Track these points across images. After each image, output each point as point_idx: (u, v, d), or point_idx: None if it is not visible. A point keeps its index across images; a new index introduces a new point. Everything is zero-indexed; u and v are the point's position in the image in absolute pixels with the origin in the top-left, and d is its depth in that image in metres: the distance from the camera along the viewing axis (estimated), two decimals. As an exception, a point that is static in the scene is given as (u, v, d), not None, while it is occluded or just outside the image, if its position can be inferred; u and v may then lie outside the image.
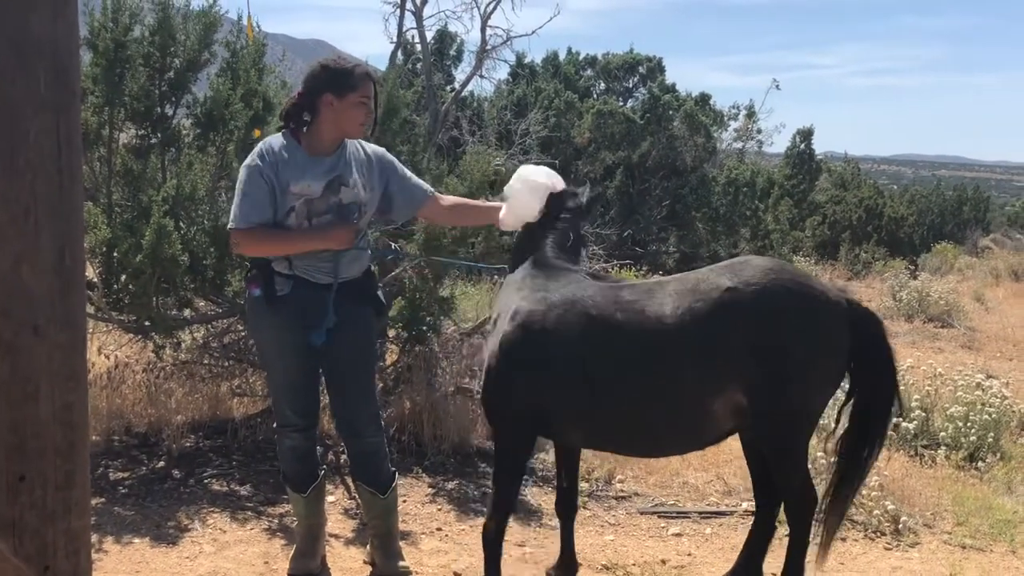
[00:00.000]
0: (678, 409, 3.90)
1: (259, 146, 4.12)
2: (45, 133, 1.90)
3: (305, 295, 4.15)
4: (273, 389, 4.42)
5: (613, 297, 3.98)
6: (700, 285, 3.90)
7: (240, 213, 4.04)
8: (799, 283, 3.89)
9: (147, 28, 5.94)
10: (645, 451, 4.61)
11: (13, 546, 1.94)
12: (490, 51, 12.46)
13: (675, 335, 3.81)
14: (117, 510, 5.21)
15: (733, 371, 3.79)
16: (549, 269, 4.19)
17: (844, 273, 21.75)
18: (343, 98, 4.09)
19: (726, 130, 23.39)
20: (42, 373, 1.94)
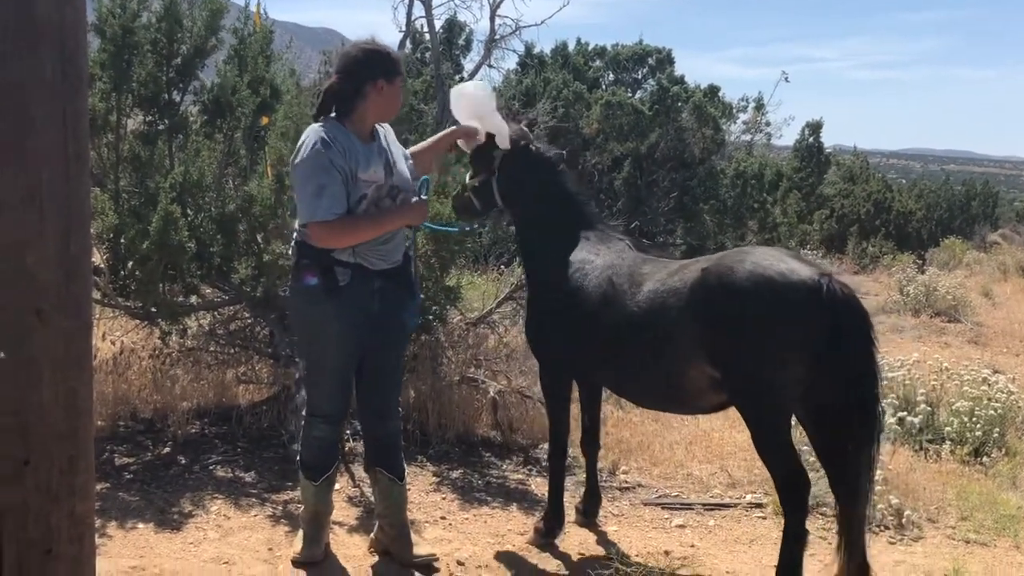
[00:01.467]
0: (661, 373, 4.32)
1: (317, 136, 4.03)
2: (52, 119, 1.90)
3: (361, 283, 4.17)
4: (314, 378, 4.37)
5: (633, 269, 4.53)
6: (690, 266, 4.33)
7: (324, 206, 3.97)
8: (764, 263, 4.02)
9: (154, 14, 5.94)
10: (647, 405, 5.16)
11: (17, 530, 1.95)
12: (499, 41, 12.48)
13: (655, 308, 4.28)
14: (122, 495, 5.23)
15: (699, 344, 4.10)
16: (603, 234, 4.87)
17: (851, 267, 21.70)
18: (392, 82, 4.16)
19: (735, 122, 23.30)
20: (46, 359, 1.95)
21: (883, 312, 14.39)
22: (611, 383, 4.91)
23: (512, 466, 6.15)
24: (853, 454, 4.03)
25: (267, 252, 5.75)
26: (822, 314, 3.89)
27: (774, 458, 4.12)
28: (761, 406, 4.11)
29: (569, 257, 4.77)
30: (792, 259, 4.11)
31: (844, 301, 3.94)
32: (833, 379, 3.97)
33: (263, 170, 5.88)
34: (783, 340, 3.96)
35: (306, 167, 4.02)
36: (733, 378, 4.10)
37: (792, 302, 3.92)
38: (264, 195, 5.70)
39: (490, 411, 6.57)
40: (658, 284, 4.33)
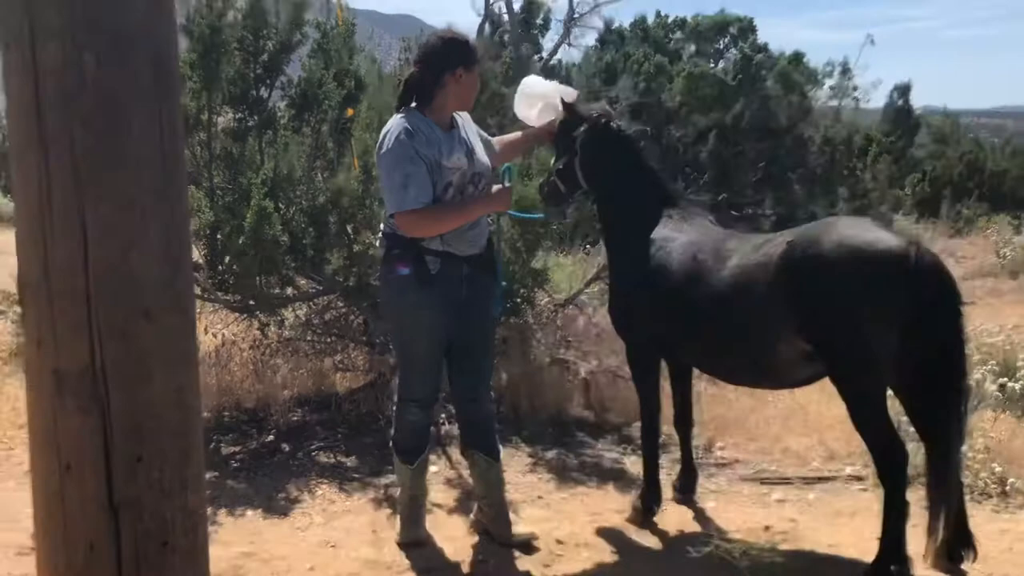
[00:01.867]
0: (749, 348, 4.32)
1: (401, 127, 4.10)
2: (148, 124, 1.95)
3: (451, 270, 4.24)
4: (407, 365, 4.44)
5: (718, 245, 4.49)
6: (774, 239, 4.28)
7: (411, 195, 4.03)
8: (851, 233, 3.98)
9: (239, 12, 6.05)
10: (736, 381, 5.13)
11: (133, 524, 2.02)
12: (578, 19, 12.40)
13: (741, 283, 4.25)
14: (230, 483, 5.37)
15: (788, 317, 4.07)
16: (685, 211, 4.85)
17: (946, 230, 21.18)
18: (471, 70, 4.21)
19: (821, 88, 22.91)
20: (154, 357, 2.01)
21: (980, 276, 14.05)
22: (698, 361, 4.90)
23: (606, 445, 6.16)
24: (943, 423, 3.98)
25: (357, 242, 5.85)
26: (910, 283, 3.84)
27: (870, 430, 4.08)
28: (855, 378, 4.06)
29: (651, 235, 4.75)
30: (878, 228, 4.06)
31: (932, 269, 3.89)
32: (922, 348, 3.91)
33: (350, 162, 5.97)
34: (873, 310, 3.91)
35: (391, 158, 4.07)
36: (825, 351, 4.06)
37: (880, 271, 3.87)
38: (352, 186, 5.78)
39: (582, 391, 6.59)
40: (743, 259, 4.30)
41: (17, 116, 1.92)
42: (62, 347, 1.96)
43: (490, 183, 4.40)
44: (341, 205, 5.85)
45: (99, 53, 1.86)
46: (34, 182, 1.91)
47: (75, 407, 1.98)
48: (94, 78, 1.86)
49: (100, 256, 1.92)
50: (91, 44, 1.85)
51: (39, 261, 1.95)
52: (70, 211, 1.90)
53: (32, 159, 1.90)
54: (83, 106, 1.86)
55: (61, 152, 1.88)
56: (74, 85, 1.86)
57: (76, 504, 2.01)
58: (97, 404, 1.97)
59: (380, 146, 4.16)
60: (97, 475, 1.99)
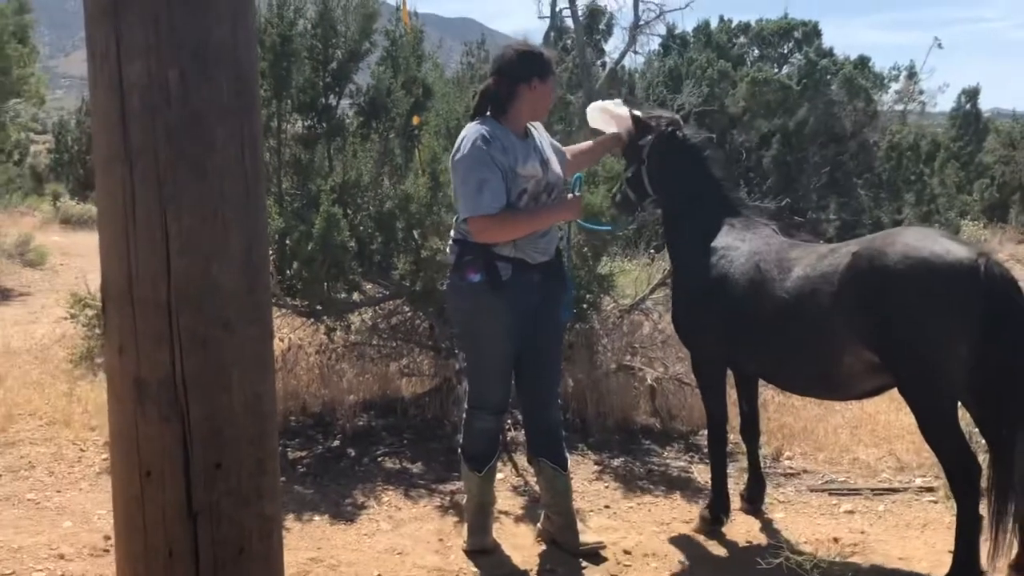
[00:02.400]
0: (815, 359, 4.30)
1: (477, 133, 4.15)
2: (230, 138, 1.99)
3: (522, 277, 4.27)
4: (478, 373, 4.45)
5: (781, 255, 4.48)
6: (839, 249, 4.28)
7: (486, 200, 4.08)
8: (918, 244, 3.93)
9: (309, 21, 6.11)
10: (799, 391, 5.05)
11: (211, 531, 2.05)
12: (643, 27, 12.38)
13: (807, 293, 4.23)
14: (297, 488, 5.42)
15: (854, 329, 4.05)
16: (749, 220, 4.83)
17: (1015, 236, 20.80)
18: (545, 81, 4.26)
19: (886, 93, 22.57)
20: (234, 365, 2.04)
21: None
22: (762, 371, 4.87)
23: (673, 453, 6.13)
24: (1011, 435, 3.88)
25: (424, 248, 5.87)
26: (980, 295, 3.78)
27: (941, 442, 4.02)
28: (924, 390, 4.01)
29: (714, 244, 4.74)
30: (945, 239, 4.01)
31: (1001, 280, 3.83)
32: (991, 360, 3.84)
33: (418, 168, 6.00)
34: (942, 322, 3.86)
35: (467, 163, 4.11)
36: (893, 363, 4.02)
37: (949, 283, 3.82)
38: (420, 193, 5.82)
39: (648, 398, 6.56)
40: (808, 269, 4.28)
41: (103, 129, 1.97)
42: (144, 356, 2.00)
43: (563, 193, 4.44)
44: (408, 211, 5.88)
45: (183, 69, 1.90)
46: (119, 193, 1.95)
47: (156, 415, 2.01)
48: (178, 93, 1.90)
49: (182, 267, 1.96)
50: (176, 61, 1.89)
51: (122, 271, 1.99)
52: (153, 222, 1.94)
53: (117, 171, 1.95)
54: (167, 120, 1.90)
55: (146, 165, 1.92)
56: (159, 100, 1.89)
57: (156, 510, 2.05)
58: (177, 412, 2.00)
59: (456, 151, 4.20)
60: (176, 482, 2.02)
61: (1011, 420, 3.89)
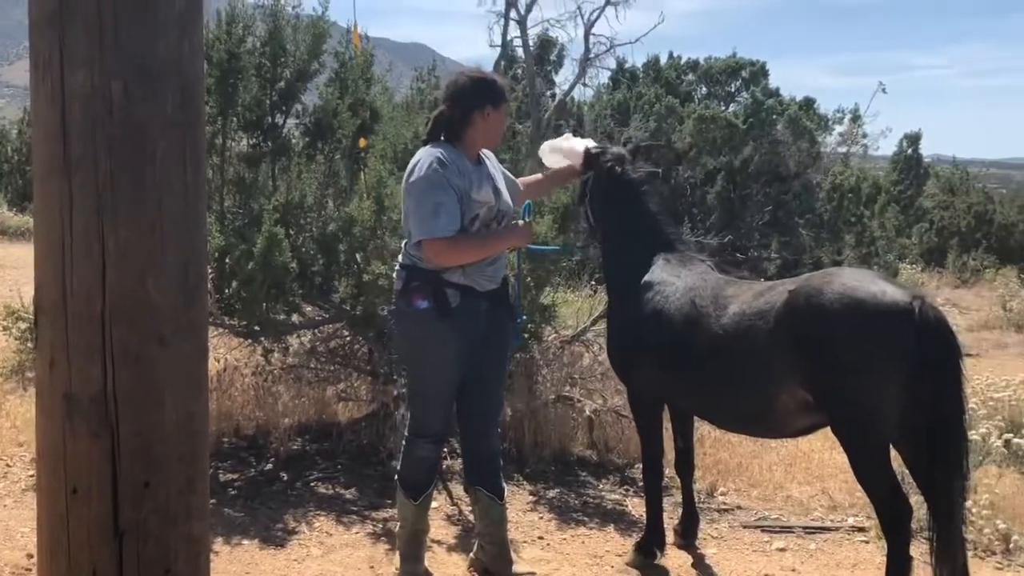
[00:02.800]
0: (749, 396, 4.30)
1: (433, 156, 4.12)
2: (172, 152, 1.96)
3: (470, 304, 4.23)
4: (421, 400, 4.40)
5: (717, 291, 4.48)
6: (776, 287, 4.30)
7: (442, 223, 4.05)
8: (854, 285, 3.96)
9: (259, 39, 6.08)
10: (733, 428, 5.08)
11: (137, 550, 2.01)
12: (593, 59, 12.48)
13: (742, 330, 4.23)
14: (227, 511, 5.34)
15: (789, 367, 4.06)
16: (684, 256, 4.86)
17: (952, 281, 21.23)
18: (499, 109, 4.27)
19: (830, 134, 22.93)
20: (167, 382, 2.01)
21: (985, 328, 14.05)
22: (695, 407, 4.88)
23: (608, 486, 6.13)
24: (945, 479, 3.91)
25: (367, 272, 5.84)
26: (914, 337, 3.82)
27: (872, 483, 4.05)
28: (857, 430, 4.04)
29: (649, 279, 4.76)
30: (881, 280, 4.05)
31: (935, 324, 3.87)
32: (921, 404, 3.88)
33: (362, 191, 5.98)
34: (876, 363, 3.90)
35: (423, 185, 4.08)
36: (827, 402, 4.05)
37: (884, 324, 3.86)
38: (364, 216, 5.79)
39: (586, 430, 6.57)
40: (744, 306, 4.29)
41: (43, 140, 1.94)
42: (75, 371, 1.96)
43: (513, 221, 4.46)
44: (352, 234, 5.86)
45: (127, 81, 1.87)
46: (56, 205, 1.92)
47: (85, 431, 1.97)
48: (121, 106, 1.87)
49: (118, 281, 1.93)
50: (120, 72, 1.87)
51: (57, 283, 1.95)
52: (91, 235, 1.91)
53: (56, 182, 1.91)
54: (109, 132, 1.87)
55: (85, 176, 1.89)
56: (101, 111, 1.87)
57: (81, 528, 2.01)
58: (107, 429, 1.97)
59: (409, 174, 4.17)
60: (104, 500, 1.98)
61: (945, 463, 3.91)
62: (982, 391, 7.48)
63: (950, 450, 3.92)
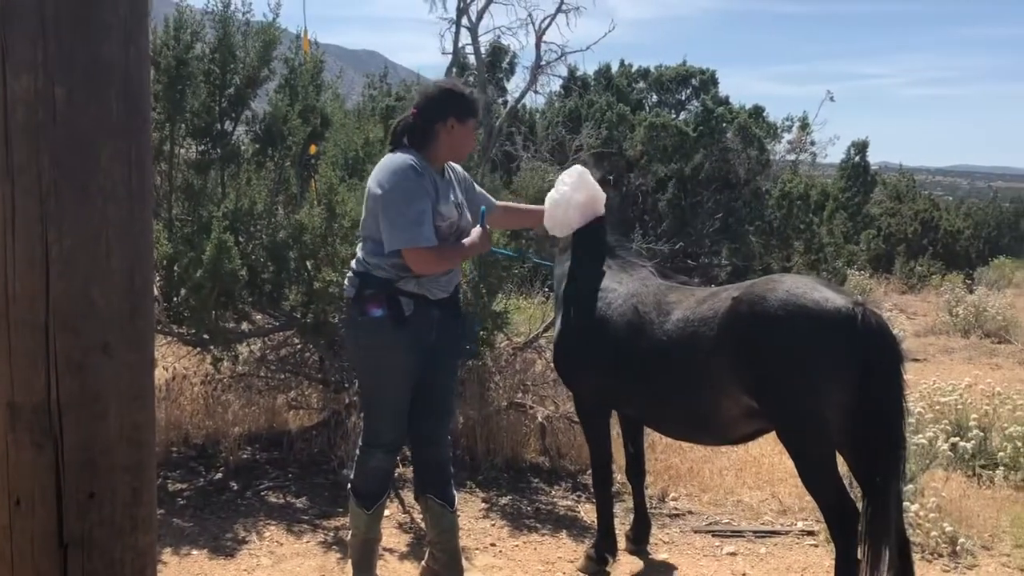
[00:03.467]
0: (692, 404, 4.33)
1: (407, 163, 4.06)
2: (116, 158, 1.93)
3: (423, 313, 4.19)
4: (375, 410, 4.34)
5: (660, 297, 4.47)
6: (720, 293, 4.31)
7: (426, 232, 4.01)
8: (797, 292, 4.00)
9: (208, 45, 6.03)
10: (676, 435, 5.06)
11: (82, 563, 1.98)
12: (544, 67, 12.50)
13: (686, 336, 4.26)
14: (176, 521, 5.28)
15: (733, 374, 4.09)
16: (625, 261, 4.88)
17: (899, 287, 21.50)
18: (464, 123, 4.19)
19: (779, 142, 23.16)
20: (111, 392, 1.97)
21: (932, 333, 14.24)
22: (639, 413, 4.89)
23: (561, 492, 6.15)
24: (880, 485, 3.96)
25: (317, 279, 5.80)
26: (856, 343, 3.87)
27: (818, 487, 4.10)
28: (801, 436, 4.09)
29: (591, 285, 4.79)
30: (824, 287, 4.09)
31: (877, 331, 3.92)
32: (863, 409, 3.93)
33: (313, 198, 5.95)
34: (819, 369, 3.94)
35: (404, 192, 4.02)
36: (771, 408, 4.08)
37: (827, 331, 3.90)
38: (314, 223, 5.76)
39: (538, 437, 6.58)
40: (688, 312, 4.31)
41: (-16, 145, 1.90)
42: (18, 379, 1.92)
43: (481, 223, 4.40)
44: (302, 241, 5.82)
45: (71, 87, 1.84)
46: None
47: (28, 441, 1.94)
48: (65, 111, 1.84)
49: (62, 288, 1.89)
50: (64, 78, 1.84)
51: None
52: (33, 241, 1.87)
53: (-3, 189, 1.88)
54: (53, 138, 1.84)
55: (28, 182, 1.86)
56: (45, 117, 1.84)
57: (25, 540, 1.97)
58: (51, 439, 1.93)
59: (383, 181, 4.07)
60: (48, 511, 1.95)
61: (884, 469, 3.96)
62: (928, 395, 7.57)
63: (889, 455, 3.97)
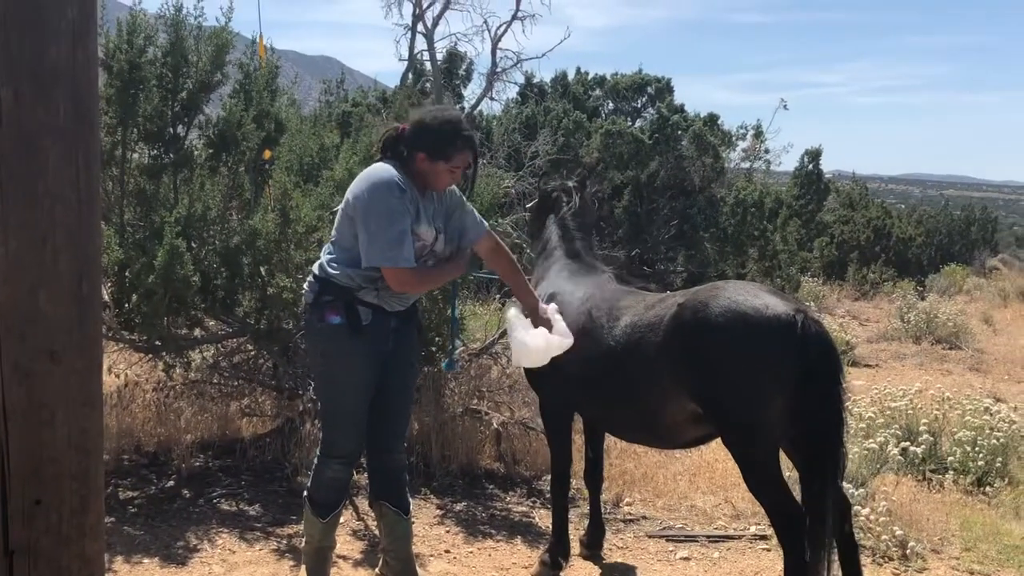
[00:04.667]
0: (641, 409, 4.37)
1: (393, 179, 3.98)
2: (64, 161, 1.92)
3: (380, 322, 4.14)
4: (333, 419, 4.26)
5: (613, 302, 4.52)
6: (667, 299, 4.35)
7: (407, 253, 3.95)
8: (738, 298, 4.02)
9: (160, 49, 5.98)
10: (628, 438, 5.12)
11: (28, 570, 1.96)
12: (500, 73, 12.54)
13: (633, 342, 4.31)
14: (127, 530, 5.22)
15: (677, 379, 4.12)
16: (582, 264, 4.99)
17: (852, 293, 21.75)
18: (435, 163, 4.09)
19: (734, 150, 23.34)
20: (59, 399, 1.95)
21: (884, 339, 14.41)
22: (594, 416, 4.95)
23: (516, 498, 6.15)
24: (818, 490, 3.98)
25: (271, 285, 5.77)
26: (795, 349, 3.90)
27: (763, 492, 4.13)
28: (743, 441, 4.11)
29: (552, 290, 4.85)
30: (766, 293, 4.11)
31: (816, 337, 3.94)
32: (802, 415, 3.97)
33: (267, 203, 5.92)
34: (759, 375, 3.97)
35: (387, 208, 3.96)
36: (714, 414, 4.12)
37: (766, 337, 3.93)
38: (268, 228, 5.73)
39: (493, 443, 6.58)
40: (636, 318, 4.35)
41: (-72, 148, 1.87)
42: (-38, 386, 1.90)
43: None
44: (256, 247, 5.78)
45: (17, 89, 1.83)
46: (-58, 216, 1.86)
47: (-28, 449, 1.91)
48: (11, 113, 1.82)
49: (7, 293, 1.87)
50: (10, 79, 1.82)
51: (-57, 296, 1.89)
52: (-22, 246, 1.85)
53: (-59, 192, 1.85)
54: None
55: (-27, 186, 1.84)
56: (-10, 119, 1.82)
57: (-32, 549, 1.94)
58: (-4, 446, 1.91)
59: (367, 193, 4.00)
60: (-8, 520, 1.92)
61: (821, 474, 3.99)
62: (880, 401, 7.67)
63: (827, 461, 4.00)
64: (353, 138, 6.93)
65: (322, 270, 4.16)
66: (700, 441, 4.48)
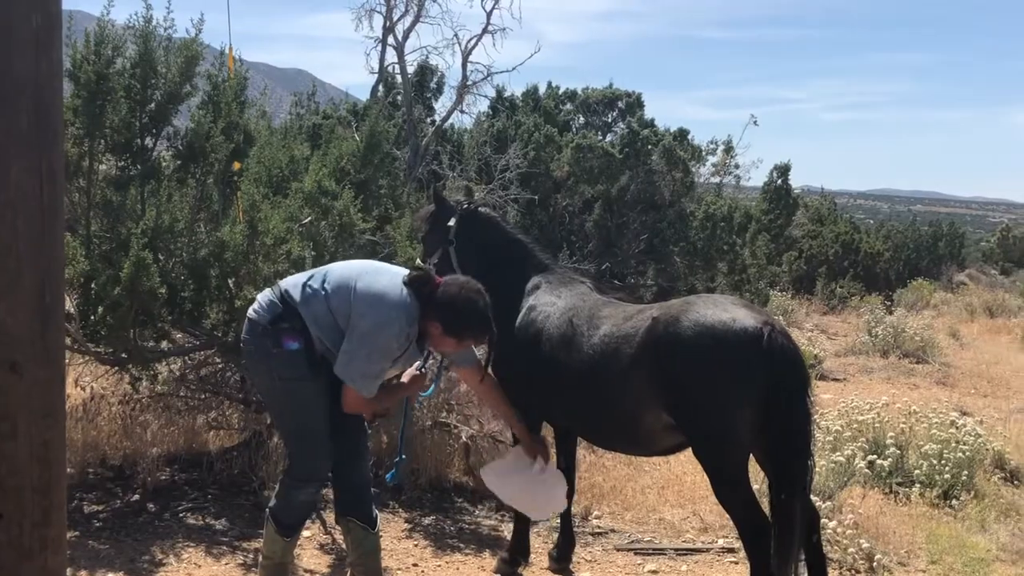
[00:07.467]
0: (616, 418, 4.44)
1: (406, 324, 4.05)
2: (27, 171, 1.91)
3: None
4: (302, 443, 4.22)
5: (593, 312, 4.58)
6: (644, 311, 4.41)
7: (372, 386, 4.06)
8: (707, 312, 4.10)
9: (129, 60, 5.93)
10: (606, 446, 5.26)
11: (-12, 584, 1.94)
12: (471, 87, 12.55)
13: (610, 352, 4.37)
14: (91, 543, 5.17)
15: (650, 390, 4.18)
16: (564, 276, 5.06)
17: (820, 307, 21.87)
18: (446, 337, 4.12)
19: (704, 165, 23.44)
20: (20, 411, 1.94)
21: (852, 353, 14.50)
22: (572, 424, 4.97)
23: (484, 512, 6.13)
24: (786, 501, 3.99)
25: (239, 297, 5.73)
26: (763, 362, 3.95)
27: (730, 502, 4.18)
28: (712, 452, 4.17)
29: (532, 302, 4.89)
30: (736, 307, 4.17)
31: (782, 351, 3.99)
32: (769, 427, 4.01)
33: (235, 215, 5.88)
34: (727, 387, 4.02)
35: (380, 347, 4.02)
36: (684, 425, 4.18)
37: (734, 350, 3.99)
38: (236, 240, 5.69)
39: (462, 456, 6.56)
40: (613, 328, 4.43)
41: None
42: (-76, 398, 1.88)
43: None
44: (224, 259, 5.74)
45: (-20, 98, 1.82)
46: (-97, 226, 1.85)
47: (-66, 461, 1.89)
48: (-26, 123, 1.82)
49: (-31, 306, 1.86)
50: (-29, 89, 1.81)
51: (-96, 308, 1.87)
52: (-60, 257, 1.84)
53: (-98, 202, 1.84)
54: (-41, 151, 1.81)
55: (-66, 196, 1.82)
56: (-49, 129, 1.80)
57: (-71, 563, 1.92)
58: (-43, 458, 1.89)
59: (375, 319, 4.01)
60: (-47, 533, 1.91)
61: (790, 484, 4.02)
62: (847, 414, 7.71)
63: (794, 473, 4.04)
64: (323, 150, 6.91)
65: (288, 297, 4.12)
66: (677, 448, 4.53)
